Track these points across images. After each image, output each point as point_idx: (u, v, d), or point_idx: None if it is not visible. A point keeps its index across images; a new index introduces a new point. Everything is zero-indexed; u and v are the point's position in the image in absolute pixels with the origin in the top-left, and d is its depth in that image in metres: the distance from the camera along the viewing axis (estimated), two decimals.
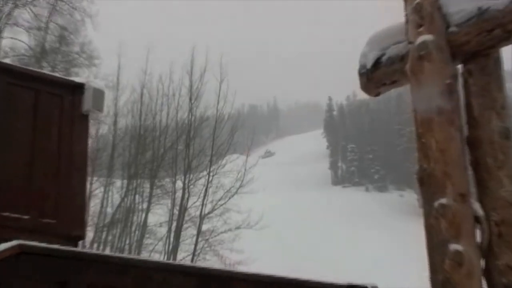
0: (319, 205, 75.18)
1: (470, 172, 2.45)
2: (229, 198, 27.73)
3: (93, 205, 26.17)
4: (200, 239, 27.01)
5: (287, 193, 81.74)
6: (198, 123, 28.98)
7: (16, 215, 5.71)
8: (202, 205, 27.27)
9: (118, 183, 29.06)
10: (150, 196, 27.98)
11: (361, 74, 2.91)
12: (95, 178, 26.34)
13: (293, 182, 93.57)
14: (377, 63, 2.83)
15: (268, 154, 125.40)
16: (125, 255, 22.09)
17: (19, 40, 23.97)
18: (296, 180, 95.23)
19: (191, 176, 28.13)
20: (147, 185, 28.28)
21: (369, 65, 2.86)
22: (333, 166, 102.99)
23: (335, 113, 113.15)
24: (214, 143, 28.41)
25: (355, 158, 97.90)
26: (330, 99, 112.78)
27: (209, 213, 27.51)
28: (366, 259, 50.71)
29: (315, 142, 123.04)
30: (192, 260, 25.57)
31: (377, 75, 2.83)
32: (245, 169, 28.08)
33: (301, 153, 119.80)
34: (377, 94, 2.96)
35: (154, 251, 26.80)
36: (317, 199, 78.66)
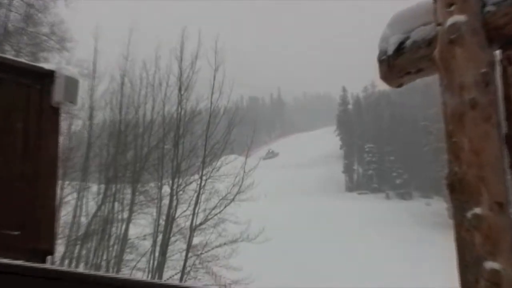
0: (331, 215, 75.41)
1: (509, 176, 2.45)
2: (225, 206, 27.74)
3: (65, 214, 25.95)
4: (190, 254, 26.83)
5: (294, 200, 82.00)
6: (189, 118, 28.92)
7: None
8: (193, 214, 27.27)
9: (94, 188, 28.88)
10: (132, 203, 28.08)
11: (381, 61, 2.87)
12: (67, 182, 26.10)
13: (301, 188, 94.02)
14: (400, 48, 2.80)
15: (271, 154, 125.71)
16: (102, 272, 21.78)
17: None
18: (304, 186, 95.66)
19: (180, 180, 28.14)
20: (128, 191, 28.32)
21: (390, 50, 2.84)
22: (348, 169, 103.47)
23: (350, 106, 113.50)
24: (207, 141, 28.38)
25: (374, 160, 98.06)
26: (344, 90, 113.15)
27: (201, 224, 27.50)
28: (387, 277, 50.67)
29: (326, 141, 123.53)
30: (181, 279, 25.38)
31: (400, 62, 2.79)
32: (244, 173, 27.98)
33: (310, 154, 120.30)
34: (400, 85, 2.94)
35: (136, 269, 26.68)
36: (329, 208, 78.96)
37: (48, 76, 6.42)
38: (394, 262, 56.69)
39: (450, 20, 2.49)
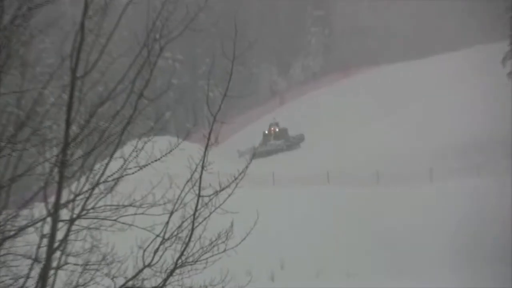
0: None
1: None
2: None
3: None
4: None
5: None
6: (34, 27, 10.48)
7: None
8: None
9: None
10: None
11: None
12: None
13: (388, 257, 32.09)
14: None
15: (281, 143, 52.73)
16: None
17: None
18: (401, 243, 33.52)
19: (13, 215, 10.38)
20: None
21: None
22: None
23: None
24: (74, 94, 9.88)
25: None
26: None
27: None
28: None
29: (467, 95, 49.15)
30: None
31: None
32: (198, 198, 8.97)
33: (411, 144, 45.65)
34: None
35: None
36: None
37: None
38: None
39: None
